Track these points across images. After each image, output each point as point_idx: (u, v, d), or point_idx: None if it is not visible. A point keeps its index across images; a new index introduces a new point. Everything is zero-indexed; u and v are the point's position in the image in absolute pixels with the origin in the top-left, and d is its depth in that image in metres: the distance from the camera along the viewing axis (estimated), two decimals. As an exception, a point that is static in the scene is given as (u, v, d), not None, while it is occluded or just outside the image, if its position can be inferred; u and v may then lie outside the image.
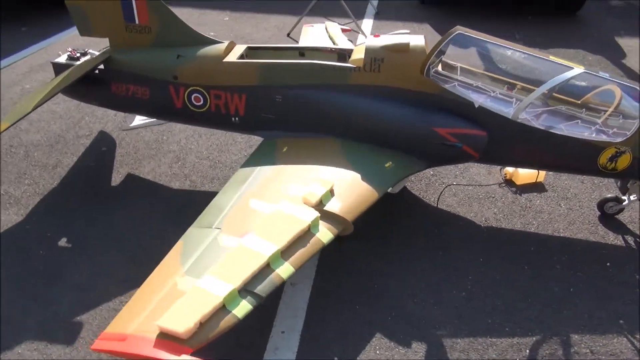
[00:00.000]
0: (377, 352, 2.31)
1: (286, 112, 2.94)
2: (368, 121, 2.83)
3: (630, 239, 3.04)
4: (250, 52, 3.15)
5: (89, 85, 3.21)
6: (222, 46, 3.03)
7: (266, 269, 2.02)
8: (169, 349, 1.69)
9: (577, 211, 3.26)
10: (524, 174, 3.46)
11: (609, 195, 3.18)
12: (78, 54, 3.29)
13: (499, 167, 3.56)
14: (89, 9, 3.06)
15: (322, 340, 2.35)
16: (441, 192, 3.35)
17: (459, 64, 2.83)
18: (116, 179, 3.43)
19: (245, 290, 1.93)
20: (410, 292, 2.62)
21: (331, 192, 2.44)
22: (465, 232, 3.06)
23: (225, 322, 1.82)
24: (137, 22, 3.04)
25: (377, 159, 2.77)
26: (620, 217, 3.18)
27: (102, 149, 3.76)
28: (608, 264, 2.84)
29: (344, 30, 4.41)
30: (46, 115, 4.15)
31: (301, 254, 2.14)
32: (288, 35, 6.18)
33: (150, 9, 2.98)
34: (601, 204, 3.22)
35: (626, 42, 6.29)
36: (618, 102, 2.70)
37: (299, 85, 2.89)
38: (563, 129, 2.69)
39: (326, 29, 4.49)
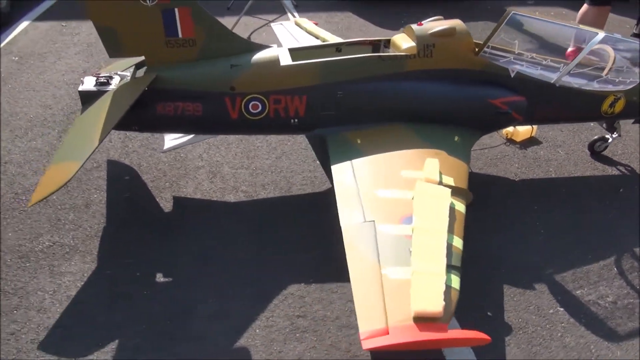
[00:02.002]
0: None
1: (347, 107, 3.07)
2: (429, 103, 3.10)
3: (621, 168, 3.76)
4: (294, 53, 3.18)
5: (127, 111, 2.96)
6: (274, 51, 3.03)
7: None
8: (433, 329, 1.81)
9: (573, 154, 3.90)
10: (522, 131, 4.01)
11: (596, 137, 3.87)
12: (105, 78, 3.01)
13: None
14: (123, 29, 2.82)
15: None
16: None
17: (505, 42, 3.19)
18: (165, 205, 3.23)
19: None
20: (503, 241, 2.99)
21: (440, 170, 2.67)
22: (508, 188, 3.50)
23: (453, 295, 1.98)
24: (180, 35, 2.89)
25: (447, 135, 3.06)
26: (605, 152, 3.89)
27: (126, 178, 3.47)
28: (621, 189, 3.51)
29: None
30: (31, 154, 3.66)
31: (457, 226, 2.35)
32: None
33: (195, 21, 2.86)
34: (591, 145, 3.90)
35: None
36: (614, 58, 3.31)
37: (360, 78, 3.03)
38: (579, 85, 3.23)
39: (299, 25, 4.60)
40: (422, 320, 1.85)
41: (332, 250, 2.85)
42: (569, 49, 3.35)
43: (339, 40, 3.93)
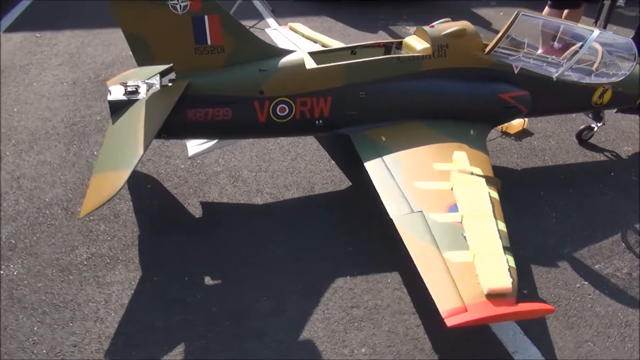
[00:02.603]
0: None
1: (369, 106, 3.21)
2: (445, 100, 3.29)
3: (607, 154, 4.10)
4: (314, 57, 3.29)
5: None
6: (299, 54, 3.14)
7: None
8: (505, 304, 1.98)
9: (563, 143, 4.22)
10: (515, 124, 4.29)
11: (583, 126, 4.20)
12: (134, 87, 3.01)
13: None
14: (153, 37, 2.85)
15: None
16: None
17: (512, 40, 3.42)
18: (194, 210, 3.26)
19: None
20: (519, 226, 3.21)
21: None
22: (513, 177, 3.75)
23: (513, 272, 2.16)
24: (209, 42, 2.94)
25: (463, 129, 3.26)
26: (591, 140, 4.22)
27: (148, 187, 3.46)
28: (612, 173, 3.84)
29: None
30: (43, 167, 3.59)
31: (497, 211, 2.54)
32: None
33: (224, 27, 2.92)
34: (579, 134, 4.23)
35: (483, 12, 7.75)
36: (602, 53, 3.62)
37: (381, 79, 3.19)
38: (574, 78, 3.52)
39: (294, 30, 4.71)
40: (494, 297, 2.02)
41: (367, 242, 3.03)
42: (556, 45, 3.64)
43: (339, 43, 4.09)
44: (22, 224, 3.06)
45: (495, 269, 2.11)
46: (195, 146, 3.35)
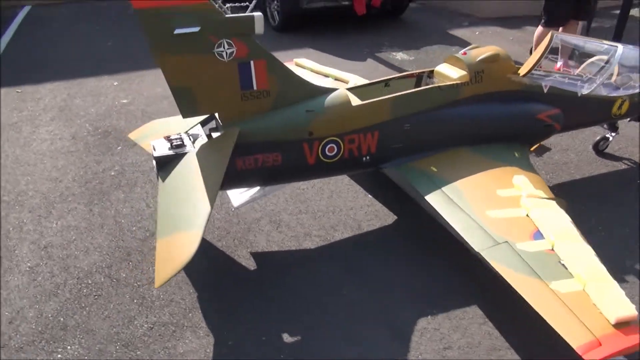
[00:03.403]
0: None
1: (414, 137, 3.18)
2: (485, 125, 3.31)
3: (626, 162, 4.22)
4: (354, 93, 3.23)
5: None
6: (344, 92, 3.07)
7: None
8: (635, 332, 1.93)
9: (582, 155, 4.32)
10: (532, 141, 4.36)
11: (599, 137, 4.32)
12: (179, 140, 2.86)
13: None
14: (199, 87, 2.72)
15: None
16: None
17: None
18: (247, 262, 3.09)
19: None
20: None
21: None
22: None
23: (625, 296, 2.13)
24: (255, 88, 2.84)
25: (507, 152, 3.27)
26: (608, 150, 4.34)
27: (189, 242, 3.26)
28: (638, 181, 3.94)
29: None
30: (69, 233, 3.33)
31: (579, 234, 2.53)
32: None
33: (269, 71, 2.83)
34: (595, 145, 4.34)
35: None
36: (620, 64, 3.73)
37: (423, 109, 3.17)
38: (597, 92, 3.62)
39: (301, 65, 4.66)
40: (622, 326, 1.97)
41: (434, 276, 2.94)
42: (581, 61, 3.75)
43: (350, 75, 4.07)
44: (67, 299, 2.80)
45: (613, 296, 2.07)
46: (239, 195, 3.21)
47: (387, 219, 3.49)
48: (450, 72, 3.31)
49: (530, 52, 5.76)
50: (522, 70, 3.35)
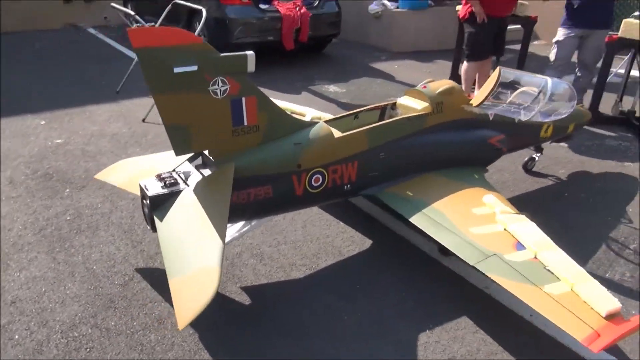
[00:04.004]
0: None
1: (388, 166, 3.42)
2: (448, 150, 3.64)
3: (552, 178, 4.79)
4: (329, 124, 3.40)
5: None
6: (325, 125, 3.22)
7: None
8: (623, 322, 2.26)
9: (515, 174, 4.84)
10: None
11: (526, 158, 4.88)
12: (172, 179, 2.81)
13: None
14: (193, 125, 2.74)
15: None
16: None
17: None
18: (241, 298, 3.07)
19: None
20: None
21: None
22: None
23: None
24: (245, 123, 2.90)
25: (469, 175, 3.62)
26: (535, 169, 4.91)
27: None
28: (566, 194, 4.50)
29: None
30: (37, 284, 3.08)
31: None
32: (143, 120, 5.81)
33: (259, 107, 2.92)
34: (525, 165, 4.89)
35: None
36: (549, 94, 4.28)
37: (396, 138, 3.43)
38: (532, 118, 4.13)
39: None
40: (612, 317, 2.28)
41: (420, 291, 3.14)
42: (517, 92, 4.25)
43: (306, 108, 4.29)
44: (54, 355, 2.60)
45: (598, 294, 2.39)
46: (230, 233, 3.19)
47: (363, 243, 3.66)
48: (413, 104, 3.61)
49: (460, 83, 6.38)
50: (475, 101, 3.75)
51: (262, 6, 7.77)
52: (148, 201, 2.73)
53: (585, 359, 2.70)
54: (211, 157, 2.91)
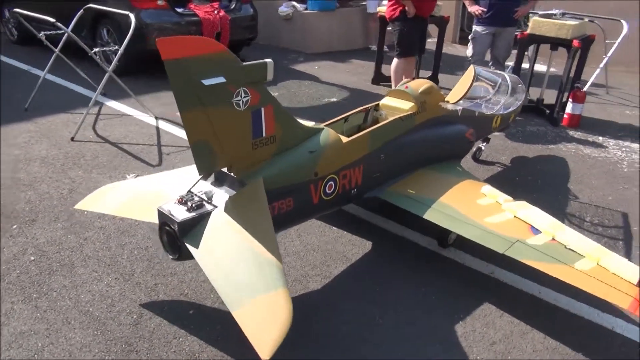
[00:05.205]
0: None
1: (388, 166, 3.48)
2: (435, 146, 3.82)
3: (498, 165, 5.20)
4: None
5: None
6: (331, 130, 3.17)
7: None
8: None
9: (467, 164, 5.12)
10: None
11: (474, 149, 5.23)
12: (195, 202, 2.57)
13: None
14: (216, 140, 2.55)
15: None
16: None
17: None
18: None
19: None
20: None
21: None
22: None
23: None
24: (264, 134, 2.76)
25: (454, 167, 3.82)
26: (482, 157, 5.28)
27: (191, 312, 2.90)
28: (517, 178, 4.92)
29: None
30: (32, 340, 2.62)
31: None
32: (72, 139, 5.21)
33: (276, 116, 2.79)
34: (474, 155, 5.25)
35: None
36: (497, 88, 4.65)
37: (392, 139, 3.50)
38: (487, 111, 4.46)
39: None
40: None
41: (437, 284, 3.24)
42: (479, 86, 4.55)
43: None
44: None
45: (622, 264, 2.65)
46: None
47: (364, 245, 3.66)
48: (399, 104, 3.70)
49: (388, 81, 6.64)
50: (452, 99, 3.94)
51: (178, 10, 7.36)
52: (176, 227, 2.47)
53: (597, 323, 2.99)
54: (232, 174, 2.71)
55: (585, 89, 6.74)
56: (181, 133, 5.58)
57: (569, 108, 6.42)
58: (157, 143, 5.31)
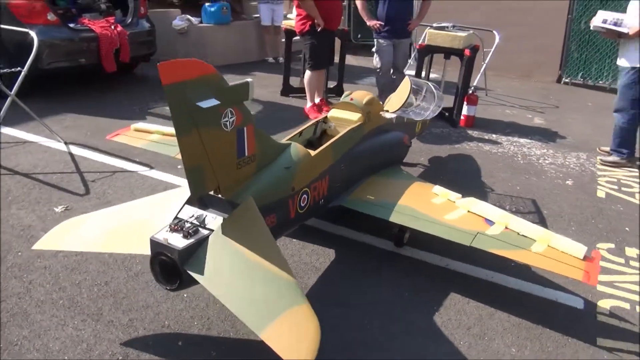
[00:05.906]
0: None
1: (347, 175, 3.65)
2: (382, 152, 4.08)
3: (420, 166, 5.63)
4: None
5: None
6: (298, 145, 3.24)
7: None
8: (592, 260, 2.97)
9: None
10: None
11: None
12: (189, 228, 2.48)
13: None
14: (207, 163, 2.51)
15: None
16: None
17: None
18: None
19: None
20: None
21: (443, 192, 3.73)
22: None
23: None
24: (246, 154, 2.76)
25: (400, 172, 4.11)
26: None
27: (179, 344, 2.76)
28: (442, 177, 5.37)
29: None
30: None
31: None
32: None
33: (256, 134, 2.81)
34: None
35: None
36: (423, 96, 5.04)
37: (349, 149, 3.68)
38: (415, 117, 4.84)
39: (145, 131, 4.37)
40: (586, 258, 2.97)
41: (416, 283, 3.46)
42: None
43: None
44: None
45: (568, 244, 3.07)
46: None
47: (328, 254, 3.76)
48: (347, 116, 3.89)
49: (297, 92, 6.80)
50: (391, 108, 4.22)
51: (71, 25, 6.83)
52: (177, 256, 2.37)
53: (543, 297, 3.43)
54: (219, 195, 2.67)
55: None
56: (100, 158, 5.22)
57: (464, 110, 7.14)
58: (75, 170, 4.89)
